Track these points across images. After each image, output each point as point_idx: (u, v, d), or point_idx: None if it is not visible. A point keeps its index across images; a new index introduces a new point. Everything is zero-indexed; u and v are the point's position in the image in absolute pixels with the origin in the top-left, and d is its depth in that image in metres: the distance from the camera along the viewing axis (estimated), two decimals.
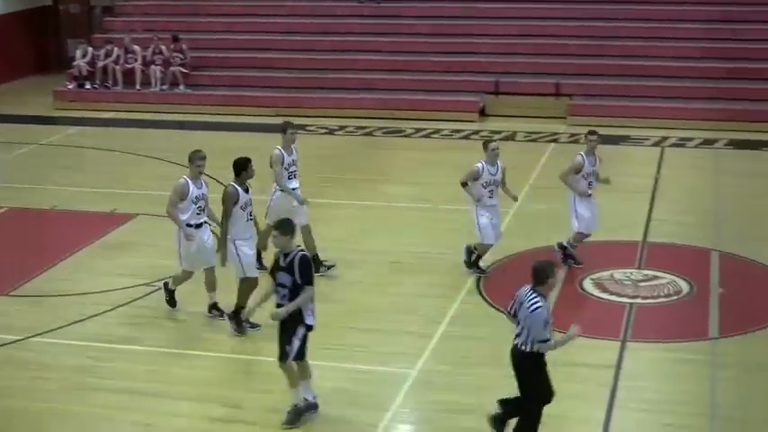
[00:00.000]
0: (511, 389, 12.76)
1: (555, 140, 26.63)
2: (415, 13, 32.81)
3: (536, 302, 11.48)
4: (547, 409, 12.65)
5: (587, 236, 17.84)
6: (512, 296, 11.99)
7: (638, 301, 16.63)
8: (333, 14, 33.54)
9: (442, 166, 23.95)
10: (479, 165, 17.43)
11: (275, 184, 17.51)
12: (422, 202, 21.66)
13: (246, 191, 15.45)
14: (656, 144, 26.01)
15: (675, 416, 13.16)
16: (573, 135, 26.50)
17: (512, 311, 11.91)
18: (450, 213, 20.64)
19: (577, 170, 17.77)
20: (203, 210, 15.87)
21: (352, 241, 19.55)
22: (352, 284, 17.49)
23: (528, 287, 11.69)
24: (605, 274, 17.58)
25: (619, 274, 17.68)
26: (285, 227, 12.61)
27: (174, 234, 15.91)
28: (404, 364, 14.45)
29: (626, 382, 13.99)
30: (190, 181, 15.73)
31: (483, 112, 29.10)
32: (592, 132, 18.12)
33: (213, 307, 16.13)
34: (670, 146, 25.87)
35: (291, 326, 12.47)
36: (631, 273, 17.74)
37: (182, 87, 31.48)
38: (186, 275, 16.28)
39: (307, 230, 17.44)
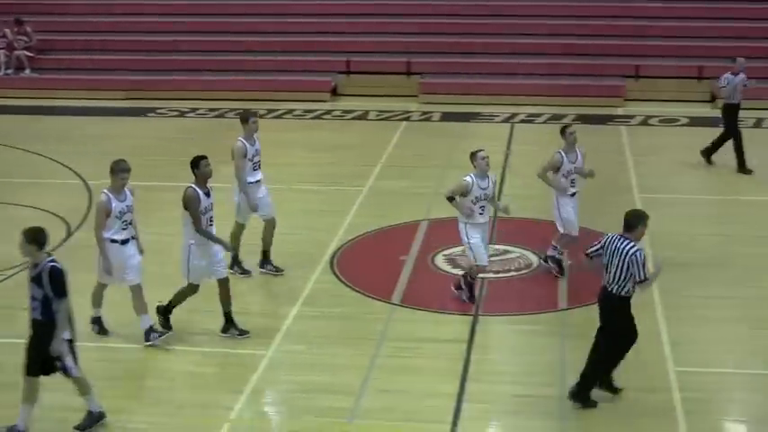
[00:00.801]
0: (361, 368, 12.97)
1: (407, 119, 26.72)
2: None
3: (633, 246, 11.91)
4: (399, 384, 12.92)
5: (574, 237, 16.58)
6: (595, 243, 12.53)
7: (490, 275, 16.73)
8: None
9: (294, 147, 23.97)
10: (468, 178, 15.24)
11: (237, 177, 16.55)
12: (276, 183, 21.61)
13: (207, 194, 14.45)
14: (505, 120, 26.32)
15: (527, 387, 13.31)
16: (425, 113, 26.74)
17: (592, 255, 12.57)
18: (303, 194, 20.70)
19: (556, 168, 16.46)
20: (129, 224, 14.41)
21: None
22: None
23: (616, 235, 12.14)
24: (457, 249, 17.69)
25: None
26: (29, 235, 11.52)
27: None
28: (258, 345, 14.35)
29: (478, 356, 14.13)
30: (111, 195, 14.21)
31: (335, 92, 29.11)
32: (567, 127, 16.91)
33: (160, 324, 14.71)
34: (519, 122, 26.20)
35: (48, 342, 11.66)
36: None
37: (27, 71, 30.79)
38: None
39: (271, 224, 16.93)
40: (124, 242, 14.20)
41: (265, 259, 16.91)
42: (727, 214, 19.92)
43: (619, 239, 12.08)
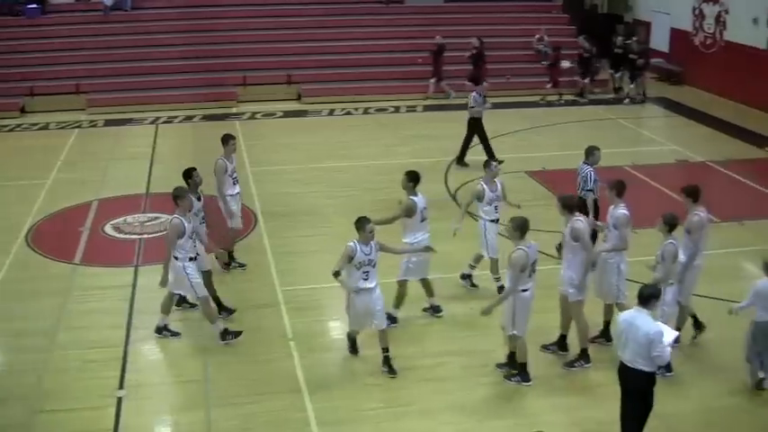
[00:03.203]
0: (54, 313, 12.80)
1: (79, 126, 25.82)
2: None
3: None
4: (86, 321, 12.93)
5: (495, 260, 14.17)
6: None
7: (145, 236, 16.87)
8: None
9: None
10: (352, 243, 11.50)
11: (218, 191, 14.96)
12: None
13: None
14: (152, 123, 26.03)
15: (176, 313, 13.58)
16: (92, 122, 26.11)
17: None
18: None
19: (480, 198, 13.96)
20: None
21: None
22: None
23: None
24: (120, 219, 17.70)
25: (130, 218, 17.78)
26: None
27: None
28: None
29: (142, 295, 14.31)
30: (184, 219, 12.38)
31: (23, 110, 27.58)
32: (488, 162, 14.40)
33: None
34: (162, 123, 25.98)
35: None
36: (139, 216, 17.89)
37: None
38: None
39: (234, 233, 15.32)
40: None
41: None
42: (314, 178, 20.36)
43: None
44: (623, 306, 12.07)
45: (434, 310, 13.63)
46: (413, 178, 13.00)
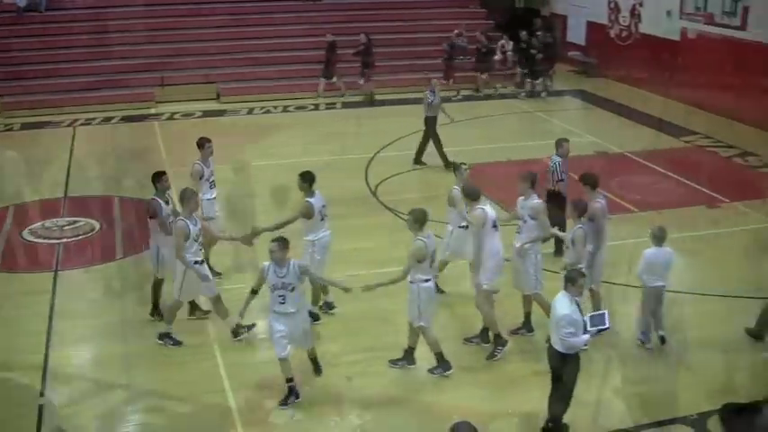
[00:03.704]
0: None
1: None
2: None
3: None
4: None
5: (446, 262, 13.71)
6: None
7: (64, 240, 16.61)
8: None
9: None
10: (265, 264, 10.98)
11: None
12: None
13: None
14: (69, 125, 25.54)
15: (99, 319, 13.48)
16: (7, 125, 25.56)
17: None
18: None
19: (453, 203, 13.23)
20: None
21: None
22: None
23: None
24: (38, 224, 17.35)
25: (49, 222, 17.45)
26: None
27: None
28: None
29: (60, 300, 14.05)
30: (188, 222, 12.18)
31: None
32: (458, 166, 13.72)
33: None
34: (80, 125, 25.52)
35: None
36: (57, 221, 17.56)
37: None
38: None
39: (213, 242, 14.13)
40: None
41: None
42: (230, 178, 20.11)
43: None
44: (540, 297, 12.30)
45: (328, 306, 13.51)
46: (307, 179, 12.81)
